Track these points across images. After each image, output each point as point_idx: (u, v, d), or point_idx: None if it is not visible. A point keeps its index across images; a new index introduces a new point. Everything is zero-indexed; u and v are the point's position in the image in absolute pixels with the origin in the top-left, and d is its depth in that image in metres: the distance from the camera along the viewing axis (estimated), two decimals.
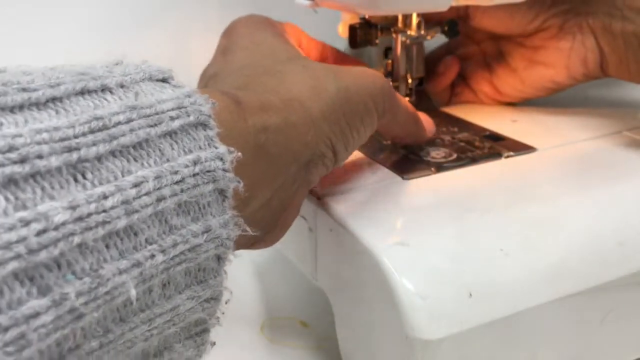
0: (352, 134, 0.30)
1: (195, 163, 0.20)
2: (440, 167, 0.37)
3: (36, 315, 0.16)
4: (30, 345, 0.16)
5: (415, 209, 0.32)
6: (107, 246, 0.18)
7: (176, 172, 0.20)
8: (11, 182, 0.16)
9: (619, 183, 0.35)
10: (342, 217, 0.31)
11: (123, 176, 0.19)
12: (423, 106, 0.47)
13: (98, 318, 0.18)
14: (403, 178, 0.35)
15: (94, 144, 0.18)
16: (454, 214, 0.32)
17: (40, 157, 0.17)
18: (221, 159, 0.21)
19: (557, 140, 0.40)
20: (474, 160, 0.38)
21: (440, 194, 0.34)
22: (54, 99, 0.19)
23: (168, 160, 0.20)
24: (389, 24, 0.42)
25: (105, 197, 0.18)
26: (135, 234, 0.19)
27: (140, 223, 0.19)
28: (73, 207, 0.17)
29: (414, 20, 0.42)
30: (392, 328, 0.27)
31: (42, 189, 0.17)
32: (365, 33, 0.42)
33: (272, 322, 0.40)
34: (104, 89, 0.20)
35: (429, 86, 0.48)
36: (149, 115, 0.20)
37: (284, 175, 0.27)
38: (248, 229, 0.23)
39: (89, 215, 0.17)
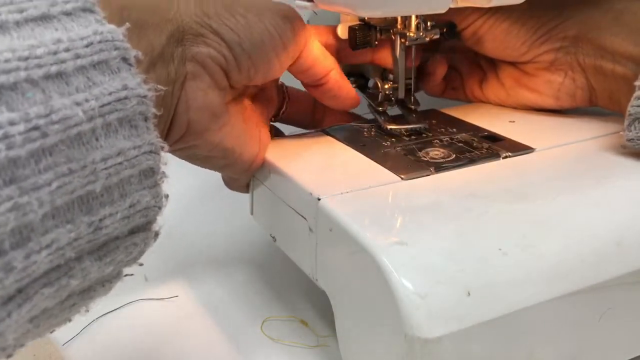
0: (235, 17, 0.34)
1: (95, 33, 0.24)
2: (439, 168, 0.37)
3: (12, 123, 0.20)
4: (13, 146, 0.20)
5: (414, 209, 0.33)
6: (47, 87, 0.21)
7: (83, 38, 0.23)
8: None
9: (617, 183, 0.35)
10: (342, 217, 0.31)
11: (42, 36, 0.22)
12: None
13: (59, 143, 0.21)
14: (402, 178, 0.36)
15: (9, 12, 0.22)
16: (452, 214, 0.32)
17: None
18: (115, 32, 0.24)
19: (554, 141, 0.40)
20: (472, 161, 0.38)
21: (439, 194, 0.34)
22: None
23: (72, 30, 0.23)
24: (388, 26, 0.42)
25: (33, 47, 0.21)
26: (67, 83, 0.22)
27: (69, 73, 0.22)
28: (12, 50, 0.21)
29: (413, 21, 0.42)
30: (392, 327, 0.27)
31: None
32: (364, 34, 0.42)
33: (272, 321, 0.40)
34: None
35: (420, 84, 0.48)
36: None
37: (154, 45, 0.31)
38: (159, 86, 0.26)
39: (26, 58, 0.21)
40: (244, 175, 0.40)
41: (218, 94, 0.35)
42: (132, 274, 0.27)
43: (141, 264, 0.27)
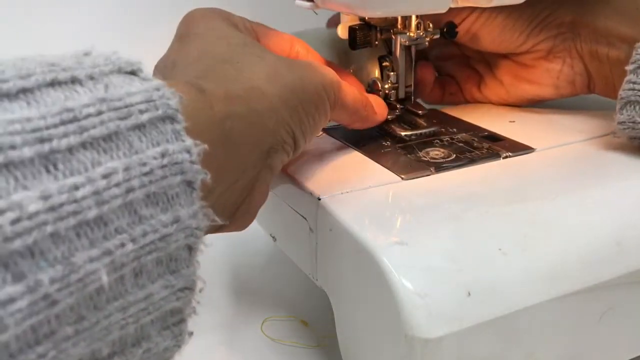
0: (309, 120, 0.32)
1: (163, 155, 0.21)
2: (439, 168, 0.37)
3: (11, 300, 0.16)
4: (6, 330, 0.16)
5: (414, 209, 0.33)
6: (78, 235, 0.18)
7: (144, 164, 0.20)
8: None
9: (616, 183, 0.35)
10: (342, 217, 0.31)
11: (93, 167, 0.19)
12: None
13: (72, 305, 0.18)
14: (402, 178, 0.36)
15: (65, 135, 0.18)
16: (452, 214, 0.32)
17: (13, 147, 0.17)
18: (188, 152, 0.21)
19: (554, 141, 0.40)
20: (472, 161, 0.38)
21: (439, 194, 0.34)
22: (24, 90, 0.19)
23: (137, 153, 0.20)
24: (388, 26, 0.42)
25: (76, 187, 0.18)
26: (105, 224, 0.19)
27: (110, 213, 0.19)
28: (45, 197, 0.17)
29: (414, 21, 0.42)
30: (392, 327, 0.27)
31: (15, 179, 0.17)
32: (364, 34, 0.42)
33: (272, 321, 0.40)
34: (74, 80, 0.20)
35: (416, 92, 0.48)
36: (118, 108, 0.20)
37: (246, 162, 0.28)
38: (217, 218, 0.23)
39: (61, 205, 0.18)
40: None
41: (269, 189, 0.33)
42: None
43: None
